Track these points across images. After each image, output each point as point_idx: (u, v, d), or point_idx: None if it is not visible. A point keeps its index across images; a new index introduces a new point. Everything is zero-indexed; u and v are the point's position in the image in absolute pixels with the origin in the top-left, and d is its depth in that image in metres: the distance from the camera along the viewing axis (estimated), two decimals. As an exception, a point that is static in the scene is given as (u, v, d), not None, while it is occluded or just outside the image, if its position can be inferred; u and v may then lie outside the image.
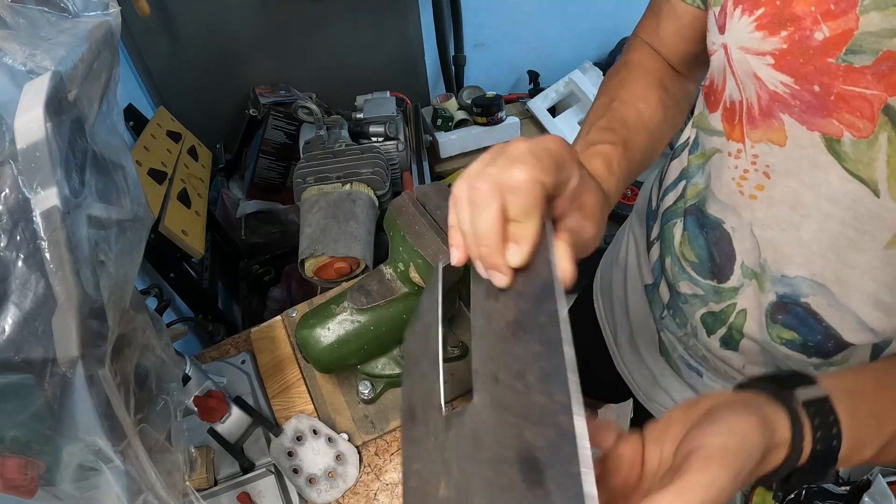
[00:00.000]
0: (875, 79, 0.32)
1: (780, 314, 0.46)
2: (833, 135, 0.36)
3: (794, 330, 0.46)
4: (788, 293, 0.44)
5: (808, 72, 0.35)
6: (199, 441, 0.66)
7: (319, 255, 0.90)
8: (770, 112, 0.39)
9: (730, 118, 0.43)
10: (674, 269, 0.54)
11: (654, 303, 0.59)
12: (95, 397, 0.36)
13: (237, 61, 1.62)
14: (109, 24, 0.42)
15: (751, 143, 0.42)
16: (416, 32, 1.72)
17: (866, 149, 0.35)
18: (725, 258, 0.48)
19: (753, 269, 0.46)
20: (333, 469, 0.65)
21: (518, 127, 1.76)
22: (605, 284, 0.71)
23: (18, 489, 0.38)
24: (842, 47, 0.33)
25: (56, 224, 0.33)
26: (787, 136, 0.39)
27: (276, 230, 1.49)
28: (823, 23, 0.33)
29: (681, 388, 0.60)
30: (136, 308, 0.45)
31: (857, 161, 0.36)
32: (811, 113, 0.36)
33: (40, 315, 0.33)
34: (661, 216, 0.56)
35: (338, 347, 0.66)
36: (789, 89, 0.37)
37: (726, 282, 0.49)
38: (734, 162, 0.44)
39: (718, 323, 0.51)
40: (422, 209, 0.67)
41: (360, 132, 1.27)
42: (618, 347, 0.69)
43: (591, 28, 2.02)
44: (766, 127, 0.40)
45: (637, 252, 0.63)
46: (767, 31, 0.36)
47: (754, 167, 0.42)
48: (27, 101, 0.33)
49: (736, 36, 0.39)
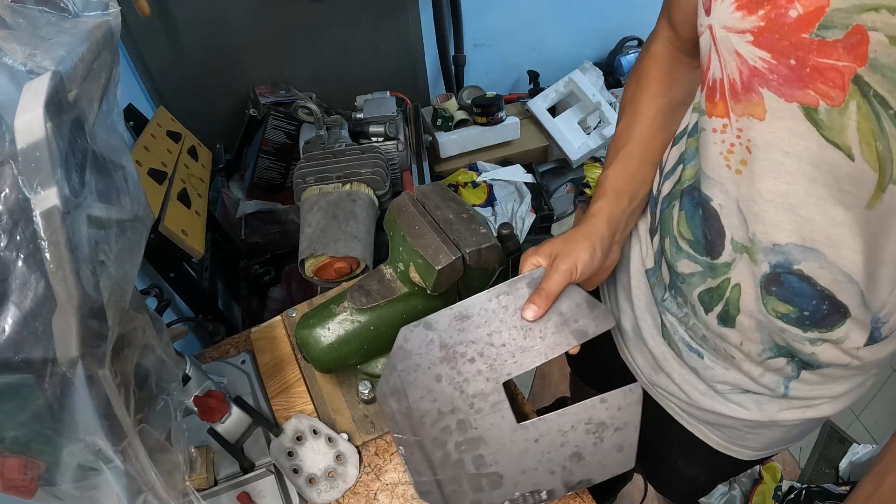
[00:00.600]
0: (846, 51, 0.35)
1: (774, 285, 0.47)
2: (810, 104, 0.38)
3: (789, 302, 0.47)
4: (781, 261, 0.46)
5: (784, 47, 0.38)
6: (199, 441, 0.66)
7: (319, 255, 0.90)
8: (750, 86, 0.42)
9: (711, 96, 0.46)
10: (672, 249, 0.56)
11: (656, 286, 0.60)
12: (95, 397, 0.36)
13: (237, 61, 1.62)
14: (109, 24, 0.42)
15: (735, 118, 0.44)
16: (416, 32, 1.72)
17: (838, 116, 0.37)
18: (716, 234, 0.50)
19: (743, 244, 0.48)
20: (333, 469, 0.65)
21: (518, 127, 1.76)
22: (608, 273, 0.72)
23: (18, 489, 0.38)
24: (815, 23, 0.36)
25: (56, 224, 0.33)
26: (766, 109, 0.41)
27: (276, 230, 1.49)
28: (797, 1, 0.36)
29: (682, 372, 0.61)
30: (136, 308, 0.46)
31: (831, 128, 0.38)
32: (788, 85, 0.39)
33: (40, 315, 0.33)
34: (660, 202, 0.58)
35: (338, 347, 0.66)
36: (767, 64, 0.39)
37: (718, 257, 0.50)
38: (720, 137, 0.47)
39: (716, 299, 0.52)
40: (422, 209, 0.67)
41: (360, 132, 1.27)
42: (621, 333, 0.70)
43: (591, 28, 2.02)
44: (748, 101, 0.42)
45: (639, 239, 0.64)
46: (746, 11, 0.39)
47: (739, 141, 0.45)
48: (27, 101, 0.33)
49: (719, 16, 0.42)
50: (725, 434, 0.63)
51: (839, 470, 1.42)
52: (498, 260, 0.66)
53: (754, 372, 0.54)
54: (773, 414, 0.56)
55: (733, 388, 0.57)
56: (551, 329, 0.56)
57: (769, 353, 0.51)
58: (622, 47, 2.01)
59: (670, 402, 0.66)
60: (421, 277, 0.64)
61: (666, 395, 0.65)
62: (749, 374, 0.54)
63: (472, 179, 1.69)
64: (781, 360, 0.51)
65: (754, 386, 0.55)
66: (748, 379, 0.55)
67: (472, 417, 0.56)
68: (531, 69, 2.01)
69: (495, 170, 1.73)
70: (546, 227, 1.72)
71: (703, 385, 0.59)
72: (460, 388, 0.56)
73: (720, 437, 0.63)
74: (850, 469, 1.41)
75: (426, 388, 0.56)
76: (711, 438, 0.64)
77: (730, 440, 0.63)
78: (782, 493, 1.36)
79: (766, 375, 0.54)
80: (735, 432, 0.61)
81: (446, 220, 0.65)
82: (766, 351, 0.52)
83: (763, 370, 0.53)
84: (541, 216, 1.67)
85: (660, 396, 0.67)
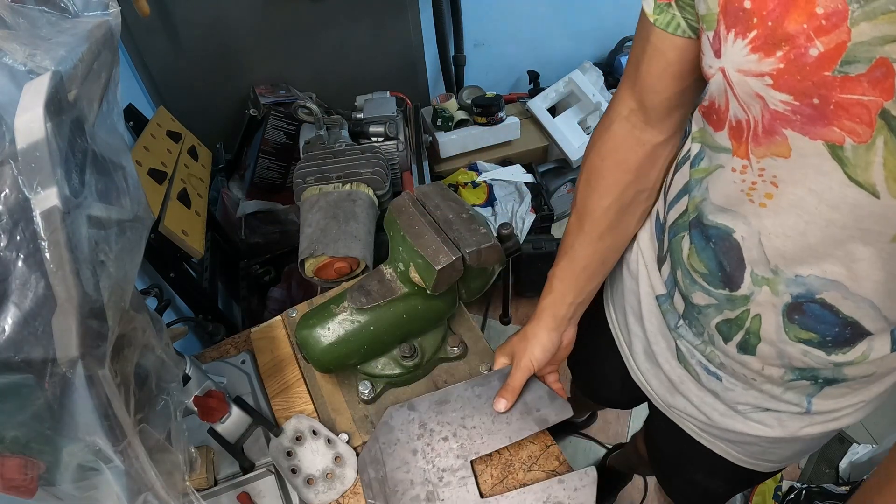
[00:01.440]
0: (871, 85, 0.34)
1: (797, 314, 0.47)
2: (835, 141, 0.37)
3: (812, 329, 0.47)
4: (803, 293, 0.45)
5: (807, 87, 0.36)
6: (199, 441, 0.66)
7: (319, 255, 0.90)
8: (773, 129, 0.40)
9: (737, 136, 0.44)
10: (685, 280, 0.55)
11: (668, 313, 0.60)
12: (95, 397, 0.36)
13: (237, 61, 1.62)
14: (109, 24, 0.42)
15: (756, 159, 0.43)
16: (416, 32, 1.72)
17: (865, 153, 0.36)
18: (735, 267, 0.49)
19: (764, 276, 0.47)
20: (332, 470, 0.65)
21: (518, 127, 1.76)
22: (616, 292, 0.72)
23: (18, 489, 0.38)
24: (837, 60, 0.34)
25: (56, 224, 0.33)
26: (790, 147, 0.40)
27: (276, 230, 1.49)
28: (817, 39, 0.34)
29: (701, 394, 0.60)
30: (136, 308, 0.46)
31: (856, 166, 0.37)
32: (812, 124, 0.37)
33: (40, 315, 0.33)
34: (668, 230, 0.58)
35: (338, 347, 0.66)
36: (789, 106, 0.38)
37: (737, 290, 0.50)
38: (740, 176, 0.45)
39: (735, 329, 0.51)
40: (422, 209, 0.67)
41: (360, 132, 1.27)
42: (633, 356, 0.69)
43: (591, 28, 2.02)
44: (770, 143, 0.41)
45: (646, 263, 0.63)
46: (763, 53, 0.37)
47: (762, 178, 0.44)
48: (27, 101, 0.33)
49: (732, 59, 0.40)
50: (746, 450, 0.62)
51: (839, 470, 1.42)
52: (498, 260, 0.66)
53: (776, 391, 0.53)
54: (796, 430, 0.56)
55: (754, 407, 0.56)
56: (516, 416, 0.65)
57: (791, 375, 0.51)
58: (622, 47, 2.01)
59: (688, 422, 0.65)
60: (421, 277, 0.64)
61: (684, 417, 0.65)
62: (770, 394, 0.54)
63: (472, 179, 1.69)
64: (804, 382, 0.51)
65: (776, 404, 0.54)
66: (769, 398, 0.54)
67: (440, 490, 0.61)
68: (531, 69, 2.01)
69: (495, 170, 1.73)
70: (546, 227, 1.72)
71: (722, 406, 0.59)
72: (432, 462, 0.63)
73: (741, 453, 0.63)
74: (850, 469, 1.41)
75: (402, 460, 0.63)
76: (732, 455, 0.63)
77: (751, 455, 0.62)
78: (782, 493, 1.36)
79: (787, 393, 0.53)
80: (756, 448, 0.61)
81: (446, 220, 0.65)
82: (787, 373, 0.51)
83: (785, 389, 0.53)
84: (541, 216, 1.67)
85: (677, 417, 0.66)
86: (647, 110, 0.55)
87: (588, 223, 0.62)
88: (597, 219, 0.61)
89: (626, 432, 1.52)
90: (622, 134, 0.58)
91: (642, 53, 0.51)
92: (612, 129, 0.58)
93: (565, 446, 1.50)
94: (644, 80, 0.53)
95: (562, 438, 1.51)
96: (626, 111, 0.57)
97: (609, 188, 0.59)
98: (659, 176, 0.60)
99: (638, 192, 0.60)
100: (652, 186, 0.60)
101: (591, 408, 1.45)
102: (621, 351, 0.72)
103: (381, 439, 0.64)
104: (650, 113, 0.55)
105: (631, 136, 0.57)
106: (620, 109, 0.57)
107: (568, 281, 0.65)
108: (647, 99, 0.54)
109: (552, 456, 0.65)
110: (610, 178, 0.59)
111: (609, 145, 0.59)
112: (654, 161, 0.58)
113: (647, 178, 0.59)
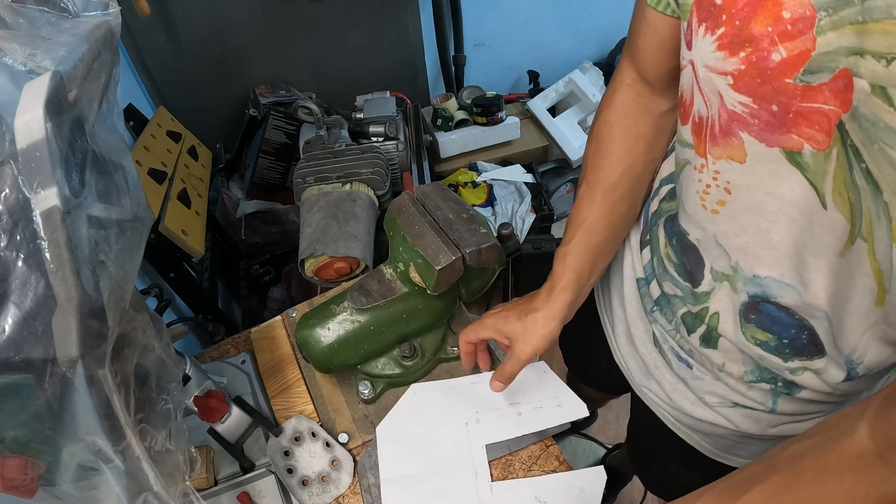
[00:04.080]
0: (832, 95, 0.33)
1: (753, 314, 0.47)
2: (794, 148, 0.36)
3: (768, 330, 0.46)
4: (759, 293, 0.45)
5: (766, 92, 0.35)
6: (199, 441, 0.66)
7: (319, 255, 0.90)
8: (729, 130, 0.40)
9: (698, 132, 0.44)
10: (659, 269, 0.56)
11: (645, 297, 0.60)
12: (95, 397, 0.36)
13: (237, 61, 1.62)
14: (109, 24, 0.42)
15: (712, 160, 0.43)
16: (416, 32, 1.72)
17: (823, 161, 0.35)
18: (695, 264, 0.50)
19: (724, 272, 0.47)
20: (327, 474, 0.65)
21: (518, 127, 1.76)
22: (603, 276, 0.72)
23: (18, 489, 0.38)
24: (799, 68, 0.33)
25: (56, 224, 0.33)
26: (746, 153, 0.39)
27: (276, 230, 1.49)
28: (780, 44, 0.33)
29: (673, 380, 0.61)
30: (136, 308, 0.46)
31: (815, 172, 0.36)
32: (770, 130, 0.37)
33: (40, 315, 0.33)
34: (649, 218, 0.59)
35: (338, 347, 0.66)
36: (748, 109, 0.37)
37: (698, 286, 0.50)
38: (698, 175, 0.45)
39: (698, 322, 0.52)
40: (422, 209, 0.67)
41: (360, 132, 1.27)
42: (615, 338, 0.70)
43: (591, 28, 2.02)
44: (726, 144, 0.41)
45: (630, 248, 0.64)
46: (728, 52, 0.36)
47: (715, 182, 0.43)
48: (27, 101, 0.33)
49: (700, 54, 0.39)
50: (718, 443, 0.62)
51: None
52: (498, 260, 0.66)
53: (740, 387, 0.53)
54: (763, 429, 0.55)
55: (722, 400, 0.56)
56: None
57: (751, 376, 0.51)
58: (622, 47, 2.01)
59: (662, 409, 0.65)
60: (421, 277, 0.64)
61: (658, 402, 0.65)
62: (736, 389, 0.54)
63: (472, 179, 1.69)
64: (764, 385, 0.51)
65: (742, 399, 0.54)
66: (735, 392, 0.54)
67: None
68: (531, 69, 2.01)
69: (495, 170, 1.73)
70: (546, 227, 1.72)
71: (692, 395, 0.59)
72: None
73: (712, 446, 0.63)
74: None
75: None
76: (703, 446, 0.64)
77: (722, 449, 0.62)
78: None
79: (752, 391, 0.53)
80: (726, 441, 0.61)
81: (446, 220, 0.65)
82: (748, 374, 0.51)
83: (748, 387, 0.53)
84: (541, 216, 1.67)
85: (651, 403, 0.66)
86: (649, 80, 0.56)
87: (601, 192, 0.59)
88: (610, 186, 0.58)
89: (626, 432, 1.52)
90: (628, 101, 0.57)
91: (638, 28, 0.52)
92: (617, 96, 0.58)
93: (565, 446, 1.50)
94: (642, 53, 0.53)
95: (562, 438, 1.51)
96: (628, 79, 0.57)
97: (621, 156, 0.58)
98: (666, 147, 0.59)
99: (648, 162, 0.59)
100: (660, 157, 0.60)
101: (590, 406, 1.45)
102: (606, 333, 0.72)
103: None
104: (652, 83, 0.56)
105: (637, 103, 0.57)
106: (623, 78, 0.57)
107: (583, 258, 0.60)
108: (648, 72, 0.55)
109: (552, 456, 0.65)
110: (621, 144, 0.58)
111: (617, 111, 0.58)
112: (662, 129, 0.58)
113: (656, 147, 0.58)
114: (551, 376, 0.68)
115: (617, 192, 0.59)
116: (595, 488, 0.59)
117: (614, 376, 0.72)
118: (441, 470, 0.62)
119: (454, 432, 0.64)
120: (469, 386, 0.68)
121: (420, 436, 0.64)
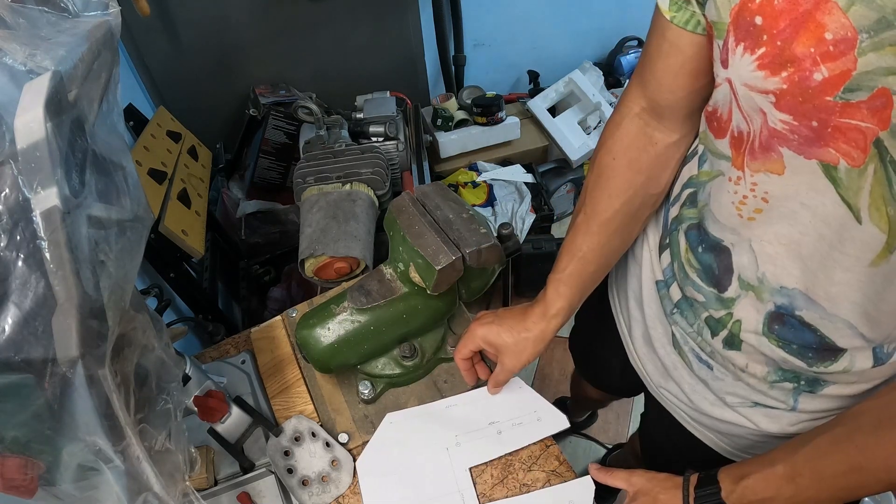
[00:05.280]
0: (869, 113, 0.34)
1: (777, 324, 0.48)
2: (830, 162, 0.38)
3: (791, 341, 0.48)
4: (786, 304, 0.46)
5: (807, 109, 0.36)
6: (199, 441, 0.66)
7: (319, 255, 0.90)
8: (769, 146, 0.41)
9: (737, 146, 0.45)
10: (680, 273, 0.56)
11: (665, 299, 0.60)
12: (95, 397, 0.36)
13: (237, 61, 1.62)
14: (109, 24, 0.42)
15: (750, 173, 0.44)
16: (416, 32, 1.72)
17: (857, 177, 0.37)
18: (724, 270, 0.50)
19: (750, 282, 0.48)
20: (327, 474, 0.65)
21: (518, 127, 1.76)
22: (619, 277, 0.72)
23: (18, 489, 0.38)
24: (840, 87, 0.34)
25: (56, 224, 0.33)
26: (785, 165, 0.41)
27: (276, 230, 1.49)
28: (823, 64, 0.34)
29: (692, 382, 0.61)
30: (136, 308, 0.45)
31: (848, 188, 0.38)
32: (809, 144, 0.38)
33: (40, 315, 0.33)
34: (670, 222, 0.59)
35: (338, 347, 0.66)
36: (788, 126, 0.38)
37: (724, 292, 0.51)
38: (734, 187, 0.46)
39: (720, 326, 0.53)
40: (422, 209, 0.67)
41: (360, 132, 1.27)
42: (632, 340, 0.70)
43: (591, 28, 2.02)
44: (765, 159, 0.42)
45: (650, 248, 0.64)
46: (769, 71, 0.37)
47: (753, 193, 0.44)
48: (27, 101, 0.33)
49: (739, 73, 0.40)
50: (735, 442, 0.62)
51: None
52: (498, 260, 0.66)
53: (762, 386, 0.54)
54: (783, 428, 0.56)
55: (743, 400, 0.56)
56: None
57: (774, 376, 0.52)
58: (622, 47, 2.01)
59: (680, 410, 0.65)
60: (421, 277, 0.64)
61: (676, 404, 0.65)
62: (757, 388, 0.54)
63: (472, 179, 1.69)
64: (787, 384, 0.52)
65: (763, 398, 0.55)
66: (756, 392, 0.55)
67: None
68: (531, 69, 2.01)
69: (495, 170, 1.73)
70: (546, 227, 1.72)
71: (712, 396, 0.59)
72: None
73: (729, 446, 0.63)
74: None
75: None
76: (721, 447, 0.64)
77: (740, 448, 0.63)
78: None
79: (773, 390, 0.53)
80: (745, 441, 0.61)
81: (446, 220, 0.65)
82: (771, 374, 0.52)
83: (770, 386, 0.53)
84: (541, 216, 1.67)
85: (669, 404, 0.67)
86: (659, 109, 0.55)
87: (597, 224, 0.60)
88: (607, 220, 0.59)
89: (626, 432, 1.52)
90: (634, 131, 0.57)
91: (657, 51, 0.50)
92: (622, 126, 0.57)
93: (565, 446, 1.50)
94: (659, 78, 0.52)
95: (562, 438, 1.51)
96: (637, 109, 0.56)
97: (621, 189, 0.58)
98: (669, 181, 0.59)
99: (648, 197, 0.59)
100: (661, 191, 0.60)
101: (591, 407, 1.45)
102: (622, 335, 0.72)
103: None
104: (663, 112, 0.55)
105: (643, 135, 0.57)
106: (631, 107, 0.57)
107: (575, 288, 0.62)
108: (661, 98, 0.53)
109: (552, 456, 0.65)
110: (622, 177, 0.58)
111: (621, 143, 0.58)
112: (666, 163, 0.58)
113: (657, 181, 0.58)
114: (527, 391, 0.68)
115: (612, 225, 0.60)
116: (584, 499, 0.60)
117: (628, 378, 0.72)
118: (427, 497, 0.62)
119: (436, 458, 0.64)
120: (445, 410, 0.68)
121: (402, 465, 0.64)
